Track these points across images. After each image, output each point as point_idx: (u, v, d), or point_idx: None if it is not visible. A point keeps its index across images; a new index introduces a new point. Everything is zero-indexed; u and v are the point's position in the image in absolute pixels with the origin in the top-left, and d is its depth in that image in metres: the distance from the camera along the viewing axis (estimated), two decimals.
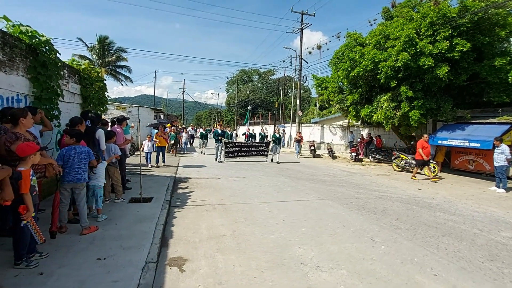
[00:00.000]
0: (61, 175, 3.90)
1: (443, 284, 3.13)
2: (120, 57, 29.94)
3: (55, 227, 3.84)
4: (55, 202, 3.88)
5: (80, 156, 4.01)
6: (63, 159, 3.93)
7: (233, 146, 13.79)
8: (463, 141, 10.75)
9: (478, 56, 11.34)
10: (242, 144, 14.60)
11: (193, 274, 3.20)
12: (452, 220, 5.54)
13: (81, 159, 4.01)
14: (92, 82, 7.45)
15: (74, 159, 3.97)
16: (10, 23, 4.68)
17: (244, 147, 14.12)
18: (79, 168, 4.00)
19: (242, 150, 13.87)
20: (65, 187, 4.00)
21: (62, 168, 3.90)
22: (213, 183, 8.38)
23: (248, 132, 20.65)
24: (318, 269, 3.37)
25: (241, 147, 14.03)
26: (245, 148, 14.09)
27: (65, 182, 3.97)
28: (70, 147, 4.01)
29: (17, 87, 4.70)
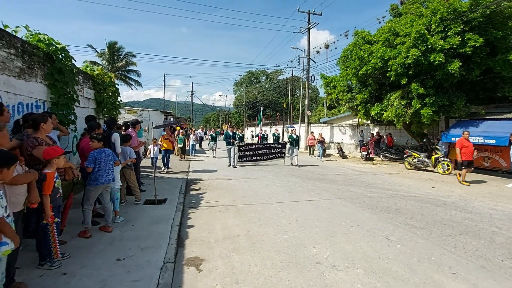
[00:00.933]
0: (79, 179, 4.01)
1: (462, 283, 3.09)
2: (129, 62, 30.46)
3: (63, 226, 3.97)
4: (68, 204, 4.01)
5: (108, 158, 4.21)
6: (95, 162, 4.07)
7: (246, 149, 12.71)
8: (477, 138, 10.54)
9: (491, 51, 11.12)
10: (256, 146, 13.33)
11: (210, 273, 3.25)
12: (469, 218, 5.44)
13: (109, 161, 4.22)
14: (105, 87, 7.62)
15: (105, 161, 4.15)
16: (29, 32, 4.85)
17: (259, 150, 13.01)
18: (109, 169, 4.21)
19: (257, 154, 12.81)
20: (96, 189, 4.12)
21: (95, 170, 4.04)
22: (224, 184, 8.45)
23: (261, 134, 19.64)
24: (334, 268, 3.38)
25: (255, 150, 12.92)
26: (259, 151, 12.98)
27: (99, 184, 4.10)
28: (100, 150, 4.16)
29: (36, 94, 4.87)
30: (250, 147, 12.95)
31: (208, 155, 16.81)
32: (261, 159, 12.88)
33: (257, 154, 12.83)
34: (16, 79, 4.34)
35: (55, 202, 3.21)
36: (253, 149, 12.89)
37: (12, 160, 2.36)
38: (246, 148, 12.76)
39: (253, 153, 12.72)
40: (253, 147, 13.06)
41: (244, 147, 12.69)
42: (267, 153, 13.06)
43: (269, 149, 13.23)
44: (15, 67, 4.33)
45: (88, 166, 4.03)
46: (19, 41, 4.42)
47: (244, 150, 12.54)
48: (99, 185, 4.12)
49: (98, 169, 4.08)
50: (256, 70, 64.41)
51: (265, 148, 13.26)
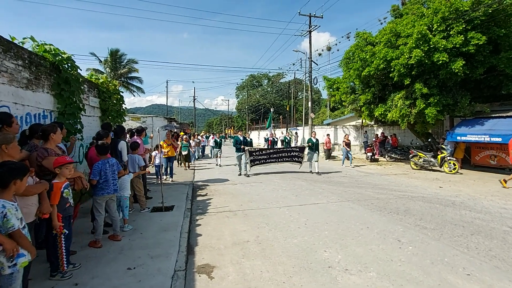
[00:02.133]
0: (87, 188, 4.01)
1: (478, 284, 3.04)
2: (131, 68, 30.66)
3: None
4: (74, 214, 4.00)
5: (113, 168, 4.20)
6: (100, 174, 4.06)
7: (260, 155, 11.34)
8: (483, 136, 10.45)
9: (495, 49, 11.05)
10: (270, 151, 11.99)
11: (222, 281, 3.23)
12: (480, 218, 5.38)
13: (114, 171, 4.21)
14: (110, 95, 7.68)
15: (110, 171, 4.15)
16: (35, 43, 4.90)
17: (273, 154, 11.69)
18: (114, 179, 4.20)
19: (271, 157, 11.53)
20: (102, 199, 4.12)
21: (100, 182, 4.04)
22: (230, 189, 8.43)
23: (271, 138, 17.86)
24: (347, 272, 3.34)
25: (270, 154, 11.58)
26: (274, 155, 11.68)
27: (105, 194, 4.10)
28: (104, 161, 4.15)
29: (43, 104, 4.91)
30: (264, 152, 11.61)
31: (212, 162, 15.66)
32: (276, 161, 11.68)
33: (271, 157, 11.57)
34: (23, 90, 4.39)
35: (64, 212, 3.21)
36: (267, 154, 11.58)
37: (25, 171, 2.38)
38: (259, 153, 11.45)
39: (267, 157, 11.47)
40: (267, 152, 11.72)
41: (256, 152, 11.38)
42: (283, 156, 11.77)
43: (285, 153, 11.87)
44: (23, 78, 4.38)
45: (93, 178, 4.02)
46: (26, 52, 4.47)
47: (256, 155, 11.26)
48: (105, 195, 4.11)
49: (104, 180, 4.07)
50: (258, 73, 64.69)
51: (281, 152, 11.91)
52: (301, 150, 11.91)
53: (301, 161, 11.76)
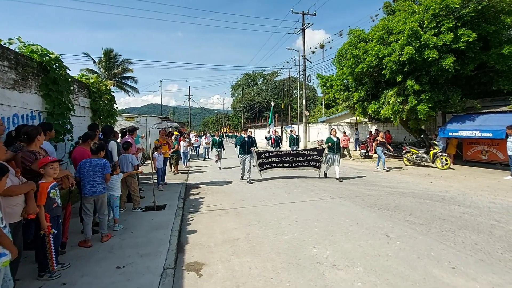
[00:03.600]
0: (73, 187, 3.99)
1: (462, 277, 3.10)
2: (125, 68, 30.47)
3: (65, 238, 3.93)
4: (66, 214, 3.98)
5: (95, 169, 4.07)
6: (80, 172, 4.05)
7: (269, 156, 9.66)
8: (474, 132, 10.59)
9: (485, 45, 11.17)
10: (282, 153, 9.96)
11: (210, 278, 3.25)
12: (468, 212, 5.45)
13: (96, 172, 4.06)
14: (101, 95, 7.63)
15: (89, 171, 4.04)
16: (21, 43, 4.86)
17: (286, 157, 9.76)
18: (94, 181, 4.05)
19: (284, 161, 9.73)
20: (85, 199, 4.11)
21: (81, 181, 4.03)
22: (223, 187, 8.44)
23: (275, 136, 15.72)
24: (334, 268, 3.38)
25: (282, 157, 9.75)
26: (287, 157, 9.76)
27: (84, 195, 4.08)
28: (85, 160, 4.10)
29: (31, 105, 4.87)
30: (274, 154, 9.78)
31: (207, 165, 14.12)
32: (289, 166, 9.80)
33: (283, 161, 9.73)
34: (10, 91, 4.35)
35: (51, 213, 3.20)
36: (278, 156, 9.73)
37: (3, 171, 2.36)
38: (269, 155, 9.69)
39: (278, 159, 9.68)
40: (279, 154, 9.83)
41: (266, 154, 9.64)
42: (298, 160, 9.73)
43: (301, 156, 9.78)
44: (9, 79, 4.34)
45: (76, 176, 4.03)
46: (12, 53, 4.43)
47: (266, 157, 9.57)
48: (86, 196, 4.07)
49: (82, 179, 4.04)
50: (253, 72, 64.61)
51: (296, 155, 9.82)
52: (319, 152, 9.61)
53: (320, 166, 9.64)
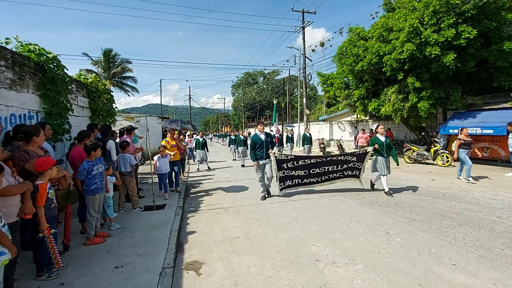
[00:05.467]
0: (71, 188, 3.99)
1: (463, 274, 3.07)
2: (125, 68, 30.45)
3: (68, 239, 3.92)
4: (67, 215, 3.97)
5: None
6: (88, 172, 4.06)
7: (294, 167, 6.86)
8: (475, 129, 10.54)
9: (485, 41, 11.12)
10: (311, 161, 6.99)
11: (209, 277, 3.23)
12: (469, 209, 5.42)
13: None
14: (99, 94, 7.62)
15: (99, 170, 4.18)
16: (19, 43, 4.85)
17: (316, 167, 6.99)
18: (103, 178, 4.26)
19: (312, 174, 6.99)
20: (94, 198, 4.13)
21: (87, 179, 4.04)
22: (224, 186, 8.42)
23: (278, 134, 14.48)
24: (334, 265, 3.36)
25: (310, 168, 6.96)
26: (317, 168, 7.00)
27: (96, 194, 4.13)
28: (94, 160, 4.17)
29: (29, 104, 4.86)
30: (301, 163, 6.91)
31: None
32: (321, 180, 7.11)
33: (312, 174, 7.00)
34: (7, 91, 4.34)
35: (49, 213, 3.19)
36: (305, 166, 6.95)
37: None
38: (295, 164, 6.86)
39: (305, 172, 6.94)
40: (306, 163, 6.96)
41: (289, 162, 6.82)
42: (331, 171, 7.10)
43: (334, 165, 7.10)
44: (6, 79, 4.32)
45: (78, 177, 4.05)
46: (9, 52, 4.42)
47: (289, 169, 6.82)
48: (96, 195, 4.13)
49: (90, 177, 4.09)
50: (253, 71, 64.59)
51: (328, 164, 7.07)
52: (360, 158, 7.15)
53: (359, 174, 7.29)
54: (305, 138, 13.58)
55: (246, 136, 9.20)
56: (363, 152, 7.15)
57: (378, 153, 6.80)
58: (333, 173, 7.15)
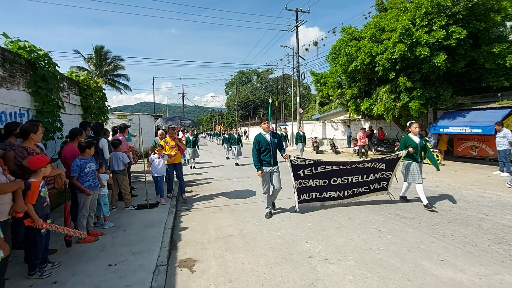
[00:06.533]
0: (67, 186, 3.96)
1: (451, 269, 3.16)
2: (117, 66, 30.13)
3: (69, 236, 3.91)
4: (66, 212, 3.94)
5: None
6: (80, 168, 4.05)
7: (311, 175, 5.55)
8: (464, 128, 10.75)
9: (475, 42, 11.34)
10: (331, 168, 5.64)
11: (203, 274, 3.25)
12: (457, 206, 5.55)
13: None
14: (91, 92, 7.54)
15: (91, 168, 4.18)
16: (8, 40, 4.77)
17: (338, 175, 5.68)
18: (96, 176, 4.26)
19: (334, 185, 5.69)
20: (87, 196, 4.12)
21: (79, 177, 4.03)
22: (218, 185, 8.44)
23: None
24: (326, 262, 3.42)
25: (331, 176, 5.64)
26: (339, 177, 5.70)
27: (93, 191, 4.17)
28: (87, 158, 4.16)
29: (19, 102, 4.79)
30: (320, 169, 5.56)
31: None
32: (343, 196, 5.81)
33: (333, 186, 5.70)
34: None
35: (42, 212, 3.15)
36: (324, 174, 5.61)
37: None
38: (311, 171, 5.53)
39: (324, 182, 5.63)
40: (326, 170, 5.59)
41: (306, 168, 5.51)
42: (356, 182, 5.81)
43: (360, 174, 5.79)
44: None
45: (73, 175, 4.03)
46: None
47: (306, 177, 5.53)
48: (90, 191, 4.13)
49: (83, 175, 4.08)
50: (247, 69, 64.47)
51: (352, 172, 5.75)
52: (390, 165, 5.86)
53: (388, 185, 6.05)
54: (299, 137, 13.70)
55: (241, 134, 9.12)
56: (394, 157, 5.83)
57: (411, 157, 5.57)
58: (358, 186, 5.83)
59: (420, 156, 5.56)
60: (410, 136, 5.72)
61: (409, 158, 5.61)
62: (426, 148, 5.72)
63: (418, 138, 5.63)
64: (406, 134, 5.84)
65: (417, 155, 5.51)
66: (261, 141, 5.12)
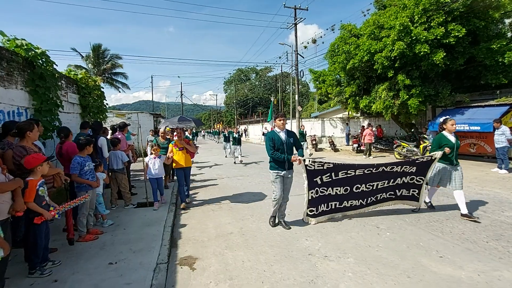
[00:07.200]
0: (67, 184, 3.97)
1: (449, 266, 3.18)
2: (115, 64, 29.97)
3: (72, 233, 3.92)
4: (68, 211, 3.94)
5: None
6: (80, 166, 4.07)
7: (332, 181, 4.64)
8: (463, 125, 10.78)
9: (474, 40, 11.35)
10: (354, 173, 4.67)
11: (204, 271, 3.26)
12: (456, 203, 5.56)
13: None
14: (90, 91, 7.51)
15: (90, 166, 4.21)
16: (5, 38, 4.74)
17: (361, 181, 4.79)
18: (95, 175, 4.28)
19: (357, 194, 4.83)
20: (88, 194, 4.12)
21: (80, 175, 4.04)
22: (217, 183, 8.44)
23: None
24: (326, 259, 3.43)
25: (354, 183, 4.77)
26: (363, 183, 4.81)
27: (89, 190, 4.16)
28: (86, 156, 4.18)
29: (17, 101, 4.77)
30: (341, 175, 4.67)
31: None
32: (365, 204, 4.98)
33: (355, 194, 4.86)
34: None
35: None
36: (346, 181, 4.74)
37: None
38: (331, 177, 4.65)
39: (346, 190, 4.78)
40: (348, 175, 4.70)
41: (325, 174, 4.61)
42: (381, 188, 4.96)
43: (386, 179, 4.93)
44: None
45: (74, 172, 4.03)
46: None
47: (324, 184, 4.65)
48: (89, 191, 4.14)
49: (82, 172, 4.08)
50: (246, 67, 64.35)
51: (379, 177, 4.87)
52: (422, 169, 4.96)
53: (420, 194, 5.11)
54: (300, 135, 13.69)
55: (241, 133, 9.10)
56: (428, 159, 4.88)
57: (445, 159, 4.82)
58: (383, 191, 4.97)
59: (456, 158, 4.86)
60: (444, 134, 4.95)
61: (442, 161, 4.85)
62: (458, 146, 4.98)
63: (453, 137, 4.91)
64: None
65: (453, 157, 4.79)
66: (275, 139, 4.34)
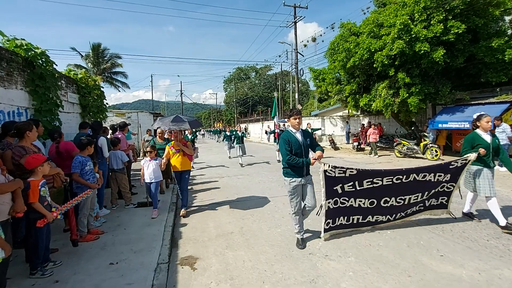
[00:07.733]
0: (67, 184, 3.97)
1: (450, 264, 3.18)
2: (115, 63, 29.93)
3: (75, 234, 3.92)
4: (70, 211, 3.93)
5: None
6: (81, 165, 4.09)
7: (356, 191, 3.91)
8: (463, 123, 10.77)
9: (474, 37, 11.32)
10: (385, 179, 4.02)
11: (204, 271, 3.27)
12: (456, 201, 5.55)
13: None
14: (90, 90, 7.50)
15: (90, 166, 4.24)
16: (5, 38, 4.73)
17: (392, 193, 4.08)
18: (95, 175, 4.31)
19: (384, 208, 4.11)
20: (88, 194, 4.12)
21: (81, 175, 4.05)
22: (217, 183, 8.44)
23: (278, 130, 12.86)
24: (327, 258, 3.44)
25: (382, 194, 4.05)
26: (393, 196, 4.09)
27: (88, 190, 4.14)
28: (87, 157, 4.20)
29: (17, 101, 4.77)
30: (366, 184, 3.93)
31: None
32: (393, 219, 4.26)
33: (382, 209, 4.11)
34: None
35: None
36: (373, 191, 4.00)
37: None
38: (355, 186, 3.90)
39: (371, 203, 4.04)
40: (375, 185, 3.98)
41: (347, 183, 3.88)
42: (413, 203, 4.28)
43: (420, 192, 4.25)
44: None
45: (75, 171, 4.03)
46: None
47: (345, 194, 3.91)
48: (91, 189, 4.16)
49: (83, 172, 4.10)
50: (245, 66, 64.29)
51: (412, 187, 4.16)
52: (455, 175, 4.42)
53: (449, 201, 4.63)
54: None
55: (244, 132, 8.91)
56: (462, 163, 4.32)
57: (480, 162, 4.26)
58: (414, 205, 4.34)
59: (493, 160, 4.28)
60: (478, 133, 4.33)
61: (477, 163, 4.27)
62: (499, 148, 4.29)
63: (489, 136, 4.30)
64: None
65: (489, 159, 4.22)
66: (291, 141, 3.71)
